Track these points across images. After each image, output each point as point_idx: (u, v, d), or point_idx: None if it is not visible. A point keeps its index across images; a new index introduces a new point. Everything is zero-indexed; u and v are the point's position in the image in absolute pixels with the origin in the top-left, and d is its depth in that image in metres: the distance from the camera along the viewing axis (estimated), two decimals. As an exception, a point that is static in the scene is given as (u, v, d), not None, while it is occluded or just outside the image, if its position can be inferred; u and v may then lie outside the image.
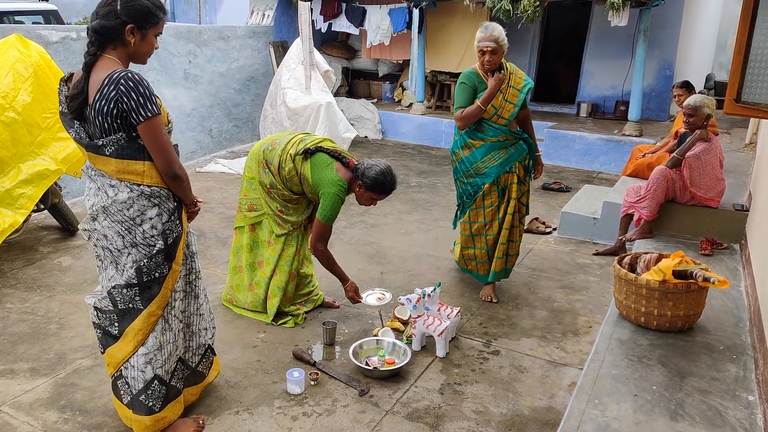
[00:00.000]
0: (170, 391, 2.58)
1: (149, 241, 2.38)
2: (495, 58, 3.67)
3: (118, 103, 2.17)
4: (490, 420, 2.85)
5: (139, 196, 2.33)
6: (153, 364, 2.48)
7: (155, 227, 2.38)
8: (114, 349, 2.49)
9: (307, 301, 3.85)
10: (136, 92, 2.17)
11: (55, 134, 4.29)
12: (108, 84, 2.17)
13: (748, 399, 2.43)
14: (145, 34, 2.29)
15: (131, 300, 2.42)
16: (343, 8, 9.29)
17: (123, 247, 2.38)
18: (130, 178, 2.31)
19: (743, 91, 2.46)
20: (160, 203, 2.38)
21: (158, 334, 2.48)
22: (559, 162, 8.19)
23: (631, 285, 2.89)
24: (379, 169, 3.34)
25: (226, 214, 5.69)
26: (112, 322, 2.46)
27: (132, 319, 2.43)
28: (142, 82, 2.19)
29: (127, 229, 2.35)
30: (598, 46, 9.27)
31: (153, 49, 2.37)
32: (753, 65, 2.35)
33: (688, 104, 4.43)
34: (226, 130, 8.43)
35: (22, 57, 4.16)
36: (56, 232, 5.10)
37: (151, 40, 2.33)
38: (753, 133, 7.16)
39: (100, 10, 2.24)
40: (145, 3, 2.26)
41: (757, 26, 2.28)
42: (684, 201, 4.48)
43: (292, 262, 3.65)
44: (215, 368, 2.95)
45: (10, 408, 2.87)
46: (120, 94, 2.16)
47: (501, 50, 3.66)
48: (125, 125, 2.23)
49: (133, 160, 2.30)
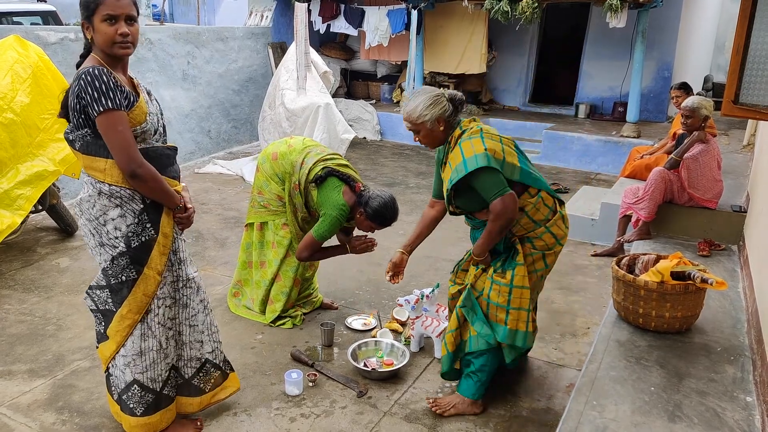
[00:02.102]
0: (159, 399, 2.55)
1: (113, 242, 2.35)
2: (423, 139, 2.82)
3: (78, 98, 2.18)
4: (488, 421, 2.84)
5: (99, 194, 2.31)
6: (132, 368, 2.47)
7: (118, 228, 2.34)
8: (104, 346, 2.53)
9: (306, 303, 3.85)
10: (92, 87, 2.15)
11: (54, 135, 4.29)
12: (74, 80, 2.20)
13: (746, 400, 2.43)
14: (92, 23, 2.19)
15: (104, 301, 2.43)
16: (342, 9, 9.29)
17: (94, 246, 2.40)
18: (94, 175, 2.31)
19: (741, 93, 2.46)
20: (122, 204, 2.32)
21: (137, 339, 2.45)
22: (557, 163, 8.20)
23: (630, 286, 2.89)
24: (382, 201, 3.31)
25: (224, 216, 5.68)
26: (100, 321, 2.50)
27: (110, 320, 2.44)
28: (101, 77, 2.15)
29: (95, 228, 2.36)
30: (596, 48, 9.29)
31: (110, 37, 2.18)
32: (751, 67, 2.36)
33: (686, 106, 4.44)
34: (225, 131, 8.43)
35: (21, 58, 4.16)
36: (54, 233, 5.09)
37: (102, 28, 2.18)
38: (751, 134, 7.18)
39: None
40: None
41: (755, 28, 2.28)
42: (682, 202, 4.48)
43: (297, 268, 3.65)
44: (230, 385, 2.82)
45: (8, 409, 2.86)
46: (80, 89, 2.17)
47: (424, 127, 2.74)
48: (89, 120, 2.22)
49: (96, 156, 2.27)
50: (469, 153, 2.59)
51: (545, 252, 2.75)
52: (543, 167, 8.12)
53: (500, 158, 2.61)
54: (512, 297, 2.70)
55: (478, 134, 2.65)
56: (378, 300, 4.07)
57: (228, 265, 4.58)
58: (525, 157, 2.81)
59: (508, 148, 2.69)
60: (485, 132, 2.68)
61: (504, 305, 2.73)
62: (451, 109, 2.74)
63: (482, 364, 2.82)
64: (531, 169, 2.76)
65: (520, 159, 2.74)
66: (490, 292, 2.75)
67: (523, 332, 2.75)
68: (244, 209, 5.87)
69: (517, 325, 2.74)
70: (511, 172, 2.64)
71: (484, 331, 2.76)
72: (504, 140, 2.73)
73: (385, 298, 4.10)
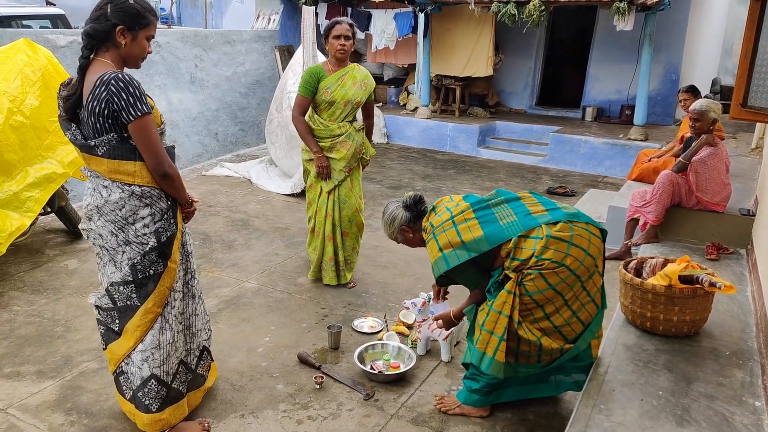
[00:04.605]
0: (171, 393, 2.61)
1: (141, 239, 2.42)
2: (407, 244, 3.05)
3: (108, 104, 2.22)
4: (495, 425, 2.84)
5: (131, 196, 2.37)
6: (150, 363, 2.52)
7: (147, 226, 2.42)
8: (115, 345, 2.55)
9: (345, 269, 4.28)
10: (126, 92, 2.21)
11: (62, 138, 4.31)
12: (99, 85, 2.22)
13: (755, 405, 2.42)
14: (136, 35, 2.33)
15: (128, 297, 2.47)
16: (349, 13, 9.32)
17: (117, 245, 2.43)
18: (121, 178, 2.36)
19: (749, 96, 2.46)
20: (151, 203, 2.41)
21: (156, 333, 2.52)
22: (564, 166, 8.19)
23: (637, 290, 2.88)
24: None
25: (231, 218, 5.70)
26: (114, 319, 2.52)
27: (131, 315, 2.48)
28: (132, 83, 2.24)
29: (120, 228, 2.40)
30: (603, 51, 9.28)
31: (145, 53, 2.40)
32: (759, 70, 2.35)
33: (694, 108, 4.42)
34: (232, 133, 8.46)
35: (31, 61, 4.20)
36: (63, 235, 5.12)
37: (143, 43, 2.36)
38: (759, 137, 7.15)
39: (92, 14, 2.31)
40: (135, 5, 2.31)
41: (764, 31, 2.28)
42: (690, 206, 4.46)
43: (324, 224, 4.13)
44: (213, 373, 2.98)
45: (17, 410, 2.88)
46: (110, 95, 2.20)
47: (399, 241, 3.03)
48: (116, 125, 2.28)
49: (124, 161, 2.34)
50: (432, 257, 2.74)
51: (542, 271, 2.53)
52: (550, 170, 8.12)
53: (459, 244, 2.63)
54: (488, 318, 2.62)
55: (431, 235, 2.75)
56: (385, 303, 4.07)
57: (235, 267, 4.59)
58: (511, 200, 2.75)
59: (463, 225, 2.66)
60: (436, 227, 2.73)
61: (479, 324, 2.69)
62: (407, 215, 2.89)
63: (473, 373, 2.83)
64: (503, 217, 2.66)
65: (486, 219, 2.66)
66: (481, 310, 2.74)
67: (489, 357, 2.63)
68: (251, 211, 5.90)
69: (485, 347, 2.65)
70: (477, 246, 2.61)
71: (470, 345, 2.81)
72: (457, 218, 2.69)
73: (391, 301, 4.10)
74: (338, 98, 3.92)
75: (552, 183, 7.29)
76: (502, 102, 10.33)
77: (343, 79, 3.94)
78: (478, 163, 8.45)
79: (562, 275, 2.52)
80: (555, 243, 2.53)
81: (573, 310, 2.60)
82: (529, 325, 2.61)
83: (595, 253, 2.61)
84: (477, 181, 7.36)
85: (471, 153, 8.87)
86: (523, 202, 2.74)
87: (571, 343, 2.65)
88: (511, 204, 2.73)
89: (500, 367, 2.63)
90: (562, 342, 2.63)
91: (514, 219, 2.64)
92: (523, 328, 2.60)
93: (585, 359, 2.77)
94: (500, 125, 9.33)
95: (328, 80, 3.91)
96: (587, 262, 2.57)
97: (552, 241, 2.53)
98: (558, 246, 2.53)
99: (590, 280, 2.62)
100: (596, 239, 2.64)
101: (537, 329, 2.62)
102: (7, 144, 3.98)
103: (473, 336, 2.77)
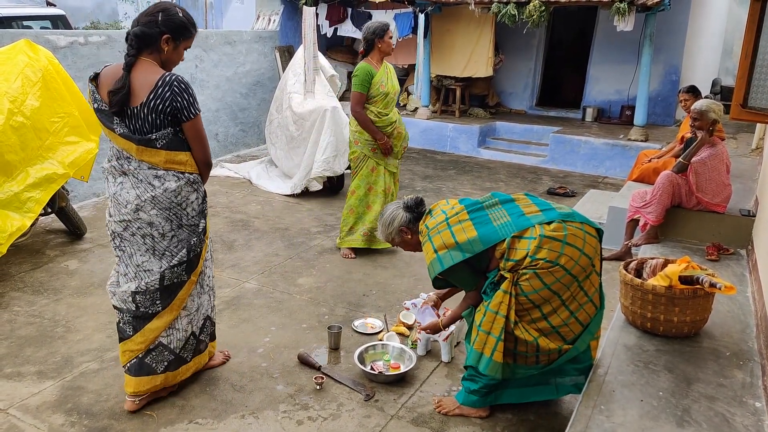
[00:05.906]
0: (199, 344, 3.00)
1: (193, 221, 2.75)
2: (405, 249, 3.13)
3: (172, 102, 2.53)
4: (495, 425, 2.84)
5: (186, 183, 2.68)
6: (193, 323, 2.90)
7: (195, 209, 2.75)
8: (152, 324, 2.77)
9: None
10: (186, 93, 2.56)
11: (63, 138, 4.32)
12: (162, 85, 2.51)
13: (755, 405, 2.42)
14: (177, 45, 2.63)
15: (179, 275, 2.76)
16: (349, 13, 9.33)
17: (170, 230, 2.70)
18: (175, 167, 2.65)
19: (750, 97, 2.46)
20: (197, 188, 2.75)
21: (195, 297, 2.89)
22: (565, 167, 8.19)
23: (637, 290, 2.89)
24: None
25: (231, 219, 5.70)
26: (154, 301, 2.74)
27: (177, 290, 2.77)
28: (190, 86, 2.59)
29: (175, 213, 2.69)
30: (603, 51, 9.28)
31: (180, 60, 2.70)
32: (759, 71, 2.36)
33: (695, 108, 4.43)
34: (233, 134, 8.47)
35: (31, 62, 4.20)
36: (63, 236, 5.12)
37: (181, 52, 2.67)
38: (759, 138, 7.15)
39: (142, 18, 2.56)
40: (183, 18, 2.61)
41: (764, 32, 2.28)
42: (690, 206, 4.46)
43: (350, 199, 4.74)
44: (210, 350, 3.19)
45: (18, 411, 2.88)
46: (174, 95, 2.52)
47: (396, 243, 3.04)
48: (173, 121, 2.59)
49: (178, 151, 2.64)
50: (427, 259, 2.75)
51: (537, 271, 2.53)
52: (550, 171, 8.12)
53: (453, 245, 2.64)
54: (485, 319, 2.62)
55: (426, 237, 2.76)
56: (385, 303, 4.07)
57: (236, 267, 4.59)
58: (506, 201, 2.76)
59: (458, 226, 2.68)
60: (431, 229, 2.75)
61: (477, 325, 2.69)
62: (407, 216, 2.91)
63: (471, 374, 2.83)
64: (496, 219, 2.68)
65: (480, 220, 2.68)
66: (477, 311, 2.73)
67: (487, 358, 2.63)
68: (251, 212, 5.90)
69: (483, 348, 2.65)
70: (471, 247, 2.62)
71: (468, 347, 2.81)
72: (452, 220, 2.71)
73: (391, 301, 4.10)
74: (391, 89, 4.57)
75: (552, 184, 7.29)
76: (503, 102, 10.33)
77: (388, 72, 4.59)
78: (479, 163, 8.45)
79: (558, 275, 2.52)
80: (548, 242, 2.53)
81: (571, 311, 2.60)
82: (526, 326, 2.62)
83: (591, 253, 2.62)
84: (477, 182, 7.37)
85: (471, 153, 8.88)
86: (518, 203, 2.75)
87: (569, 344, 2.65)
88: (506, 205, 2.75)
89: (498, 368, 2.64)
90: (560, 342, 2.63)
91: (508, 220, 2.66)
92: (519, 328, 2.60)
93: (584, 361, 2.77)
94: (500, 126, 9.33)
95: (379, 75, 4.49)
96: (583, 261, 2.57)
97: (545, 240, 2.53)
98: (552, 245, 2.53)
99: (587, 280, 2.63)
100: (592, 239, 2.65)
101: (534, 329, 2.62)
102: (8, 144, 3.98)
103: (470, 337, 2.78)
